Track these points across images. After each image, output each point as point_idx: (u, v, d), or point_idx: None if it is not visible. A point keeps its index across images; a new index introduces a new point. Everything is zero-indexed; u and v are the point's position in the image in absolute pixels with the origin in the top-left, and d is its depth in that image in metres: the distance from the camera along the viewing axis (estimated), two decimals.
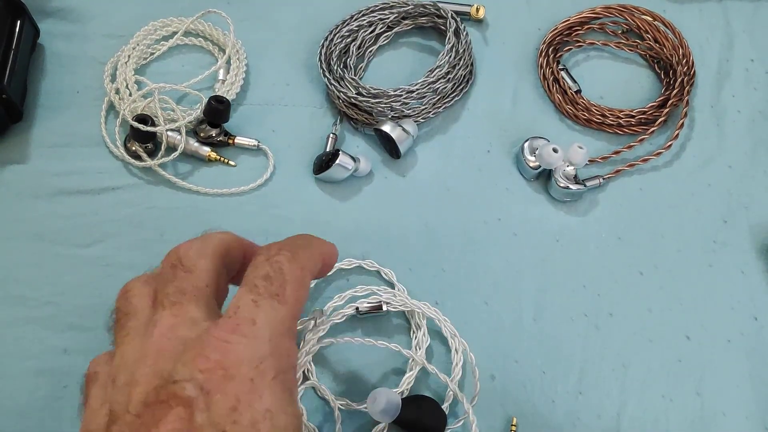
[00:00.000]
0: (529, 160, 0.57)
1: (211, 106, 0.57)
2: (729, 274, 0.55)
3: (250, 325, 0.30)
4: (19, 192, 0.57)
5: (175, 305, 0.32)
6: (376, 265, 0.54)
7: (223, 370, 0.29)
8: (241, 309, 0.31)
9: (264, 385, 0.29)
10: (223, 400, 0.28)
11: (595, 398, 0.50)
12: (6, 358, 0.51)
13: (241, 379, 0.29)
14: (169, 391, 0.28)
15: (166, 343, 0.31)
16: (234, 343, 0.30)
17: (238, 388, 0.28)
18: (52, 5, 0.65)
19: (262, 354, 0.30)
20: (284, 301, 0.32)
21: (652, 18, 0.64)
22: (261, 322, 0.31)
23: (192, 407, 0.28)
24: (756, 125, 0.61)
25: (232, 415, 0.28)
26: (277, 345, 0.31)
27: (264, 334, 0.30)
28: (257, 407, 0.28)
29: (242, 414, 0.28)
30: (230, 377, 0.29)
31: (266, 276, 0.33)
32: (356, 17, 0.63)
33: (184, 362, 0.29)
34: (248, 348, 0.30)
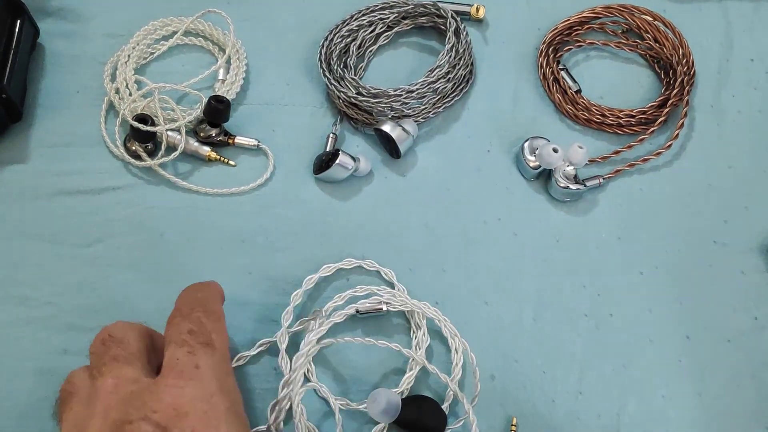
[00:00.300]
0: (529, 160, 0.57)
1: (211, 106, 0.57)
2: (729, 274, 0.55)
3: (194, 370, 0.33)
4: (19, 192, 0.57)
5: (112, 370, 0.35)
6: (376, 265, 0.54)
7: (175, 410, 0.31)
8: (180, 360, 0.33)
9: (219, 416, 0.31)
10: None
11: (595, 398, 0.50)
12: (6, 358, 0.50)
13: (195, 414, 0.31)
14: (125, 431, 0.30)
15: (112, 399, 0.33)
16: (183, 387, 0.32)
17: (194, 421, 0.30)
18: (51, 5, 0.65)
19: (211, 390, 0.32)
20: (215, 348, 0.35)
21: (652, 18, 0.64)
22: (203, 365, 0.33)
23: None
24: (756, 125, 0.61)
25: None
26: (223, 383, 0.33)
27: (208, 374, 0.33)
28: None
29: None
30: (184, 414, 0.30)
31: (190, 331, 0.36)
32: (356, 17, 0.63)
33: (136, 407, 0.31)
34: (197, 388, 0.32)
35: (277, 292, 0.53)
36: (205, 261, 0.54)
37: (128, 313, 0.52)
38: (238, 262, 0.54)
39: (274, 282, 0.54)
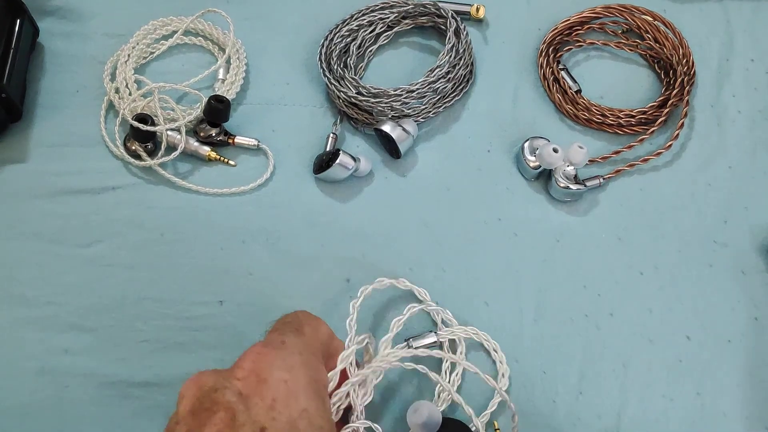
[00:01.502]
0: (529, 160, 0.57)
1: (211, 106, 0.57)
2: (729, 274, 0.55)
3: (279, 343, 0.34)
4: (19, 192, 0.56)
5: None
6: (409, 284, 0.52)
7: (256, 375, 0.32)
8: (268, 337, 0.35)
9: (298, 388, 0.32)
10: (261, 401, 0.31)
11: (595, 398, 0.50)
12: (7, 359, 0.50)
13: (275, 382, 0.31)
14: (212, 399, 0.31)
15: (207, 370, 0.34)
16: (265, 354, 0.33)
17: (273, 390, 0.31)
18: (51, 4, 0.65)
19: (292, 362, 0.33)
20: (303, 334, 0.36)
21: (653, 18, 0.64)
22: (288, 341, 0.34)
23: (233, 409, 0.30)
24: (756, 125, 0.61)
25: (270, 413, 0.30)
26: (307, 359, 0.34)
27: (293, 349, 0.34)
28: (294, 406, 0.31)
29: (281, 412, 0.30)
30: (264, 381, 0.31)
31: (284, 322, 0.37)
32: (356, 17, 0.63)
33: (224, 376, 0.32)
34: (279, 356, 0.33)
35: (279, 293, 0.53)
36: (205, 261, 0.54)
37: (128, 313, 0.52)
38: (238, 262, 0.54)
39: (275, 283, 0.54)
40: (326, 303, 0.53)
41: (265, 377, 0.31)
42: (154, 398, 0.49)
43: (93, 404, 0.49)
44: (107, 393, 0.49)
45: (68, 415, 0.49)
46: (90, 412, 0.49)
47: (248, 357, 0.33)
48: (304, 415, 0.31)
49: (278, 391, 0.31)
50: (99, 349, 0.51)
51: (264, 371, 0.32)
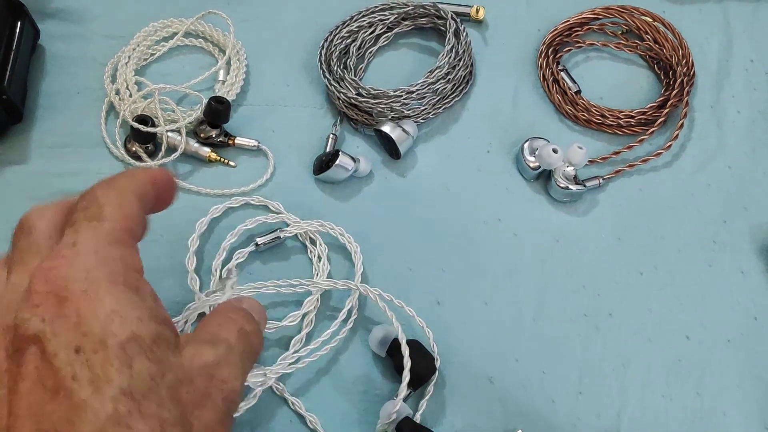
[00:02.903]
0: (529, 161, 0.57)
1: (212, 107, 0.57)
2: (729, 274, 0.55)
3: (70, 248, 0.30)
4: (19, 192, 0.57)
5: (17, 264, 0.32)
6: (262, 199, 0.56)
7: (55, 296, 0.28)
8: (62, 239, 0.31)
9: (101, 292, 0.29)
10: (66, 321, 0.28)
11: (595, 398, 0.50)
12: None
13: (73, 296, 0.28)
14: (18, 337, 0.28)
15: (6, 295, 0.31)
16: (56, 268, 0.29)
17: (74, 304, 0.28)
18: (52, 6, 0.65)
19: (87, 266, 0.29)
20: (104, 219, 0.31)
21: (652, 19, 0.64)
22: (81, 240, 0.30)
23: (42, 341, 0.28)
24: (756, 126, 0.61)
25: (79, 329, 0.27)
26: (106, 254, 0.30)
27: (86, 249, 0.30)
28: (100, 312, 0.28)
29: (89, 324, 0.28)
30: (63, 299, 0.28)
31: (82, 207, 0.32)
32: (356, 18, 0.63)
33: (21, 307, 0.29)
34: (70, 266, 0.29)
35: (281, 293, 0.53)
36: (205, 262, 0.54)
37: None
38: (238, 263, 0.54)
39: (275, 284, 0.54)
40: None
41: (64, 295, 0.28)
42: None
43: None
44: None
45: None
46: None
47: (39, 277, 0.29)
48: (114, 316, 0.28)
49: (80, 303, 0.28)
50: None
51: (60, 289, 0.28)
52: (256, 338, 0.35)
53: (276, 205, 0.56)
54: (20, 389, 0.27)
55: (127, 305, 0.29)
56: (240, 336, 0.34)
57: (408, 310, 0.51)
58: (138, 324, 0.28)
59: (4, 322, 0.30)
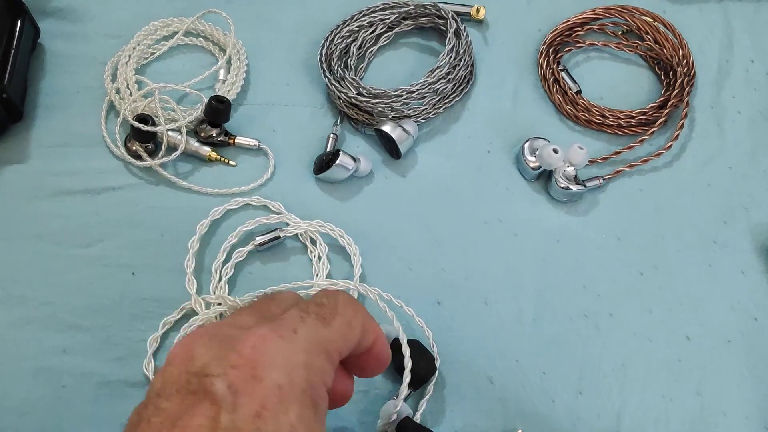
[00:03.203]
0: (529, 161, 0.57)
1: (212, 106, 0.57)
2: (729, 274, 0.55)
3: (289, 332, 0.30)
4: (19, 192, 0.57)
5: (239, 312, 0.34)
6: (262, 199, 0.56)
7: (252, 368, 0.28)
8: (286, 319, 0.31)
9: (292, 397, 0.29)
10: (249, 403, 0.28)
11: (595, 398, 0.50)
12: (5, 358, 0.50)
13: (269, 384, 0.28)
14: (200, 383, 0.28)
15: (207, 331, 0.31)
16: (269, 342, 0.29)
17: (265, 393, 0.28)
18: (52, 5, 0.65)
19: (294, 361, 0.29)
20: (329, 326, 0.32)
21: (652, 19, 0.64)
22: (301, 333, 0.31)
23: (219, 405, 0.28)
24: (756, 126, 0.61)
25: (255, 422, 0.27)
26: (312, 359, 0.30)
27: (301, 344, 0.30)
28: (282, 420, 0.28)
29: (266, 423, 0.27)
30: (259, 379, 0.28)
31: (320, 303, 0.33)
32: (357, 17, 0.63)
33: (220, 357, 0.29)
34: (281, 351, 0.29)
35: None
36: (205, 262, 0.54)
37: (127, 313, 0.52)
38: (238, 263, 0.54)
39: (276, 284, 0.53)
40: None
41: (260, 375, 0.28)
42: None
43: (90, 404, 0.49)
44: (105, 393, 0.49)
45: (65, 415, 0.49)
46: (87, 411, 0.49)
47: (249, 340, 0.29)
48: (290, 429, 0.28)
49: (270, 397, 0.28)
50: (97, 348, 0.51)
51: (260, 366, 0.28)
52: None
53: (276, 205, 0.56)
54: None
55: (305, 425, 0.29)
56: None
57: (407, 310, 0.51)
58: None
59: (191, 353, 0.30)
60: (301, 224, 0.54)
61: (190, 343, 0.30)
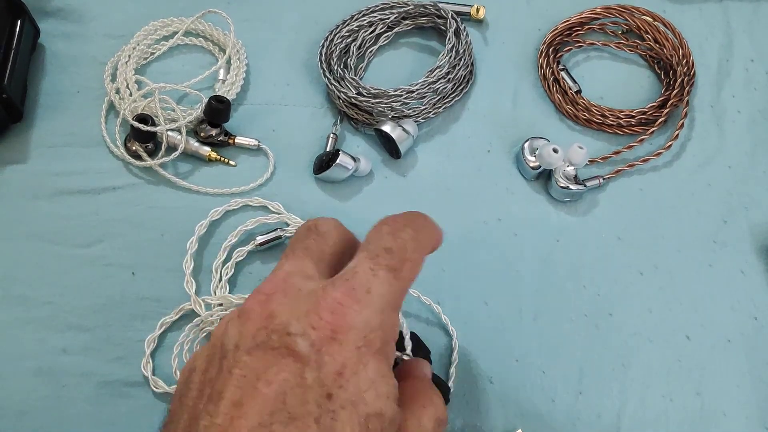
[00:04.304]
0: (529, 160, 0.57)
1: (212, 106, 0.57)
2: (729, 274, 0.55)
3: (364, 293, 0.31)
4: (19, 192, 0.57)
5: (297, 258, 0.34)
6: (262, 200, 0.56)
7: (332, 332, 0.29)
8: (359, 275, 0.31)
9: (369, 355, 0.30)
10: (331, 362, 0.29)
11: (595, 398, 0.50)
12: (5, 358, 0.50)
13: (348, 346, 0.29)
14: (282, 340, 0.29)
15: (279, 286, 0.32)
16: (347, 307, 0.30)
17: (345, 354, 0.29)
18: (52, 5, 0.65)
19: (372, 325, 0.30)
20: (400, 278, 0.32)
21: (652, 18, 0.64)
22: (375, 292, 0.31)
23: (303, 363, 0.28)
24: (756, 125, 0.61)
25: (338, 380, 0.28)
26: (386, 318, 0.31)
27: (376, 305, 0.31)
28: (362, 376, 0.29)
29: (348, 380, 0.29)
30: (338, 342, 0.29)
31: (389, 249, 0.33)
32: (356, 17, 0.63)
33: (298, 317, 0.30)
34: (360, 316, 0.30)
35: None
36: (205, 262, 0.54)
37: (127, 313, 0.52)
38: (239, 262, 0.54)
39: None
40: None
41: (340, 338, 0.29)
42: (152, 398, 0.49)
43: (90, 404, 0.49)
44: (105, 392, 0.49)
45: (66, 415, 0.49)
46: (87, 411, 0.49)
47: (327, 305, 0.30)
48: (372, 385, 0.29)
49: (350, 357, 0.29)
50: (97, 348, 0.51)
51: (341, 331, 0.29)
52: (445, 424, 0.35)
53: (276, 205, 0.56)
54: (259, 388, 0.28)
55: (383, 379, 0.30)
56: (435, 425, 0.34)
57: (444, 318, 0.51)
58: (385, 402, 0.30)
59: (268, 308, 0.31)
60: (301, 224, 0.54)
61: (265, 300, 0.31)
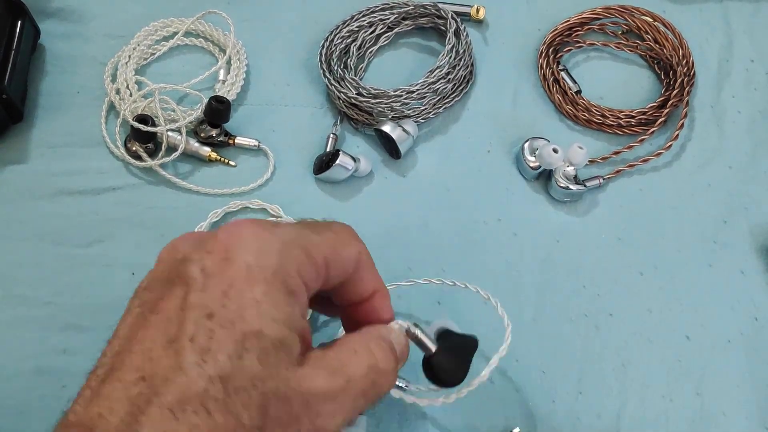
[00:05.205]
0: (529, 161, 0.57)
1: (212, 107, 0.57)
2: (729, 274, 0.55)
3: (270, 224, 0.31)
4: (20, 192, 0.57)
5: None
6: (261, 202, 0.56)
7: (225, 251, 0.29)
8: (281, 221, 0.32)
9: (261, 277, 0.29)
10: (218, 283, 0.28)
11: (595, 398, 0.50)
12: (5, 358, 0.50)
13: (238, 264, 0.29)
14: (178, 271, 0.29)
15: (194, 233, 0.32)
16: (244, 227, 0.30)
17: (234, 272, 0.28)
18: (52, 6, 0.65)
19: (268, 247, 0.30)
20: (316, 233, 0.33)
21: (652, 18, 0.64)
22: (286, 228, 0.31)
23: (189, 286, 0.28)
24: (756, 126, 0.61)
25: (222, 299, 0.28)
26: (289, 249, 0.30)
27: (279, 234, 0.30)
28: (247, 295, 0.28)
29: (231, 299, 0.28)
30: (230, 261, 0.29)
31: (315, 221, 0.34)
32: (356, 18, 0.63)
33: (198, 247, 0.30)
34: (257, 235, 0.30)
35: None
36: None
37: None
38: None
39: None
40: None
41: (232, 257, 0.29)
42: None
43: None
44: None
45: None
46: None
47: (228, 228, 0.30)
48: (254, 304, 0.28)
49: (238, 276, 0.28)
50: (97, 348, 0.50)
51: (233, 249, 0.29)
52: (385, 380, 0.33)
53: (275, 208, 0.56)
54: (149, 319, 0.28)
55: (271, 302, 0.29)
56: (368, 374, 0.32)
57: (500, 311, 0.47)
58: (270, 323, 0.28)
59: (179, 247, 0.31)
60: None
61: (175, 241, 0.32)
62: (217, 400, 0.26)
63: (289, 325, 0.29)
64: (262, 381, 0.27)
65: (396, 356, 0.34)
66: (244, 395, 0.27)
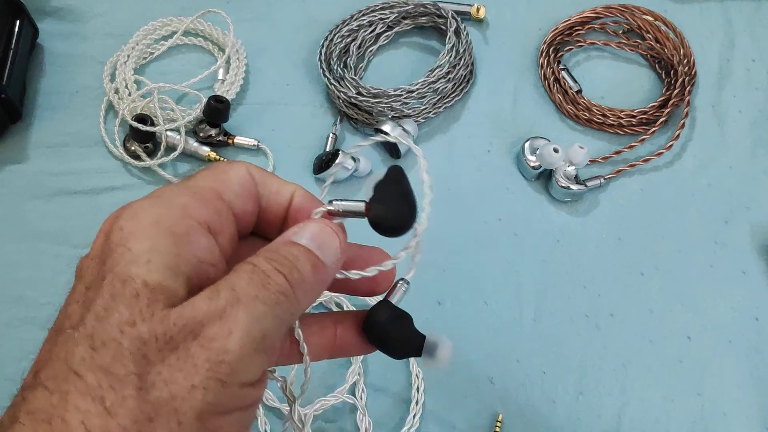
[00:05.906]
0: (529, 160, 0.57)
1: (211, 106, 0.57)
2: (730, 274, 0.55)
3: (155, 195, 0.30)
4: (19, 192, 0.56)
5: None
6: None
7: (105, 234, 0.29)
8: None
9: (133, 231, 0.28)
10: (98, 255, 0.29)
11: (595, 398, 0.50)
12: (4, 358, 0.50)
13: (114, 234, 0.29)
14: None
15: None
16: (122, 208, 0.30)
17: (112, 240, 0.28)
18: (51, 5, 0.65)
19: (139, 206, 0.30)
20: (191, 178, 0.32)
21: (653, 18, 0.64)
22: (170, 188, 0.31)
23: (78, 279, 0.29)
24: (757, 125, 0.61)
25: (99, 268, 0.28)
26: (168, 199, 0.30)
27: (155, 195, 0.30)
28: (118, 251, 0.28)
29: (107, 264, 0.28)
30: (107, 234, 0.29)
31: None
32: (356, 17, 0.63)
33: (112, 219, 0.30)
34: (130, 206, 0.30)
35: None
36: None
37: None
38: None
39: None
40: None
41: (108, 232, 0.29)
42: None
43: None
44: None
45: None
46: None
47: (112, 215, 0.30)
48: (126, 253, 0.27)
49: (115, 239, 0.28)
50: None
51: (109, 225, 0.29)
52: (288, 286, 0.28)
53: None
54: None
55: (150, 247, 0.27)
56: (251, 282, 0.27)
57: None
58: (144, 267, 0.26)
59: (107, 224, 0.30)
60: None
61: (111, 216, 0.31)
62: (84, 359, 0.25)
63: (171, 267, 0.27)
64: (131, 325, 0.26)
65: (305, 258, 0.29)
66: (113, 346, 0.25)
